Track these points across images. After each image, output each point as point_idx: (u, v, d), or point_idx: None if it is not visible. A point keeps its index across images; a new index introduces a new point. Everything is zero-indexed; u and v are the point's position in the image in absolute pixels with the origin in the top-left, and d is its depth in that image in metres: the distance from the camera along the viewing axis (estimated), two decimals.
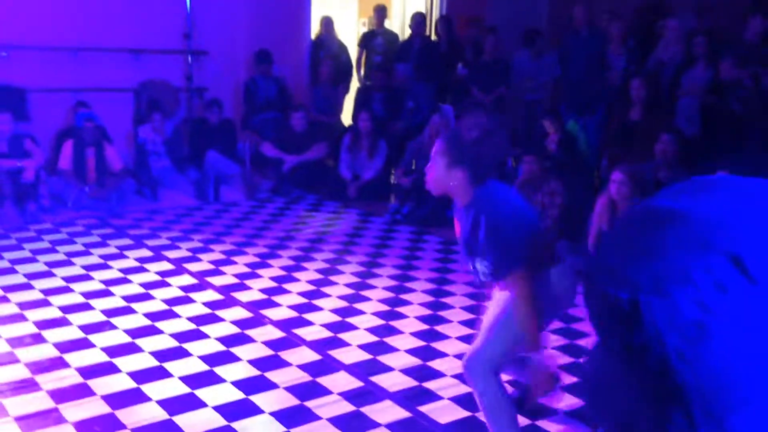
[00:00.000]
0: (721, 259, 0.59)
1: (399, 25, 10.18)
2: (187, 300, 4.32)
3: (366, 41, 8.50)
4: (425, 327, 4.05)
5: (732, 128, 5.97)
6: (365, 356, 3.65)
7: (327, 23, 8.36)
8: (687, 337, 0.60)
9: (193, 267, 4.90)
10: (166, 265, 4.91)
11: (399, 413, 3.11)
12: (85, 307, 4.14)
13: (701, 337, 0.59)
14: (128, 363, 3.47)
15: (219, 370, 3.43)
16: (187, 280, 4.66)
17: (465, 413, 3.12)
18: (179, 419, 2.99)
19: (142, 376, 3.35)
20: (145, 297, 4.33)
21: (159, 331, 3.85)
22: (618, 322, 0.63)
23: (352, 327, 4.01)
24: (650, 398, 0.63)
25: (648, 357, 0.61)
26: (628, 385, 0.64)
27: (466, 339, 3.88)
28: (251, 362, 3.53)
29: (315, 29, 8.54)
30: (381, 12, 8.47)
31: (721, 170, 4.64)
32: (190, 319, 4.04)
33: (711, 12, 6.63)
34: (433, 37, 8.70)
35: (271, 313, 4.16)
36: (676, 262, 0.60)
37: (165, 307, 4.20)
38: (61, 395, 3.15)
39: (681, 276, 0.60)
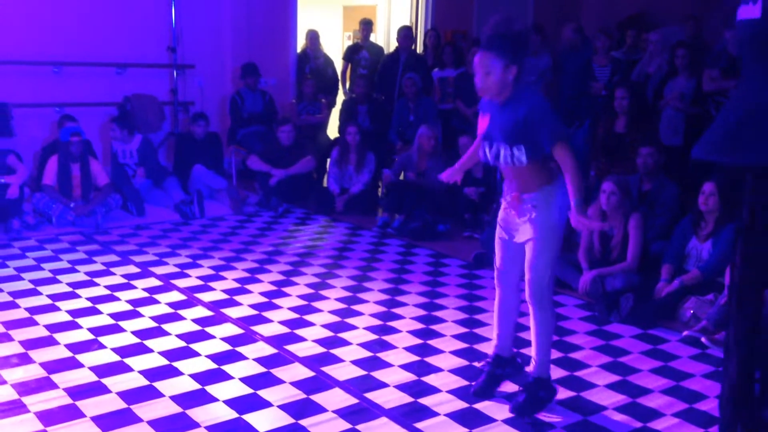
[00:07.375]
0: None
1: (384, 38, 10.20)
2: (177, 317, 4.25)
3: (351, 54, 8.51)
4: (418, 341, 4.01)
5: None
6: (359, 372, 3.61)
7: (313, 37, 8.36)
8: None
9: (182, 283, 4.84)
10: (153, 282, 4.84)
11: (395, 430, 3.07)
12: (72, 325, 4.06)
13: None
14: (117, 383, 3.40)
15: (211, 389, 3.38)
16: (175, 296, 4.59)
17: (462, 430, 3.09)
18: None
19: (131, 395, 3.29)
20: (134, 314, 4.27)
21: (148, 350, 3.78)
22: None
23: (344, 342, 3.97)
24: None
25: None
26: None
27: (460, 353, 3.86)
28: (243, 380, 3.48)
29: (301, 42, 8.54)
30: (366, 26, 8.49)
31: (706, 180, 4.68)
32: (179, 336, 3.98)
33: (696, 24, 6.71)
34: (419, 50, 8.73)
35: (263, 329, 4.11)
36: None
37: (154, 324, 4.13)
38: (49, 417, 3.08)
39: None
